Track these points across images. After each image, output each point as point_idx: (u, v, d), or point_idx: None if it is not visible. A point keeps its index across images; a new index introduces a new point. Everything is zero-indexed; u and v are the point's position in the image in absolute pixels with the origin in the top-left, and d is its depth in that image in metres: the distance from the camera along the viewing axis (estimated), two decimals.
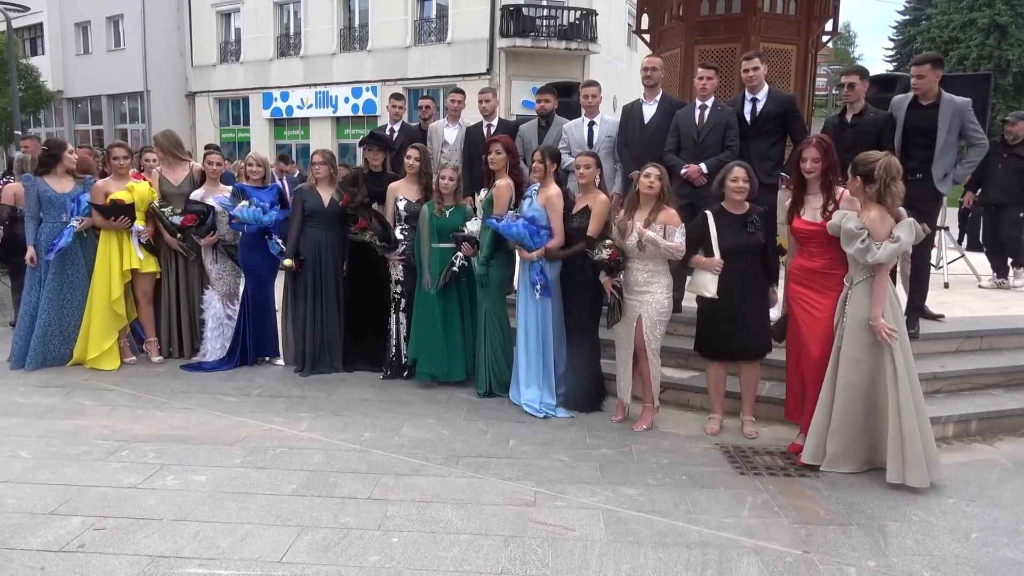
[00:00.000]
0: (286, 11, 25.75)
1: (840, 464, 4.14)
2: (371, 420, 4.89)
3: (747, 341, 4.62)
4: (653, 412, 4.87)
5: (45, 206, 5.85)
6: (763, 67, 5.51)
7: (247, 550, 3.21)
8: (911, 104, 5.29)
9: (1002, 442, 4.82)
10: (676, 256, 4.59)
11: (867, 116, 5.26)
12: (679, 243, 4.56)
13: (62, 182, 5.93)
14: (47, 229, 5.85)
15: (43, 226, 5.86)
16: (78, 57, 29.38)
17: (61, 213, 5.87)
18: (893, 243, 3.88)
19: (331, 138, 24.52)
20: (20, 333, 5.93)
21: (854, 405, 4.07)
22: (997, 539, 3.51)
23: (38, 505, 3.57)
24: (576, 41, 20.92)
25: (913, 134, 5.18)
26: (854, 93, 5.29)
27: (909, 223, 3.98)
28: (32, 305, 5.89)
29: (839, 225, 3.99)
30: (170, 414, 4.93)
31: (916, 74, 5.20)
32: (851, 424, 4.10)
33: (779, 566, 3.20)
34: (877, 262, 3.90)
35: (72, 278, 5.92)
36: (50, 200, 5.85)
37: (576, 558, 3.22)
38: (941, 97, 5.19)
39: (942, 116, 5.14)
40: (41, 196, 5.84)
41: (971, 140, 5.27)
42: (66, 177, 5.97)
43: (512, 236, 5.03)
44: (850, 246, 3.93)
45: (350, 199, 5.76)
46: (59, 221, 5.86)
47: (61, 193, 5.88)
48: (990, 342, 5.60)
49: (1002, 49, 33.86)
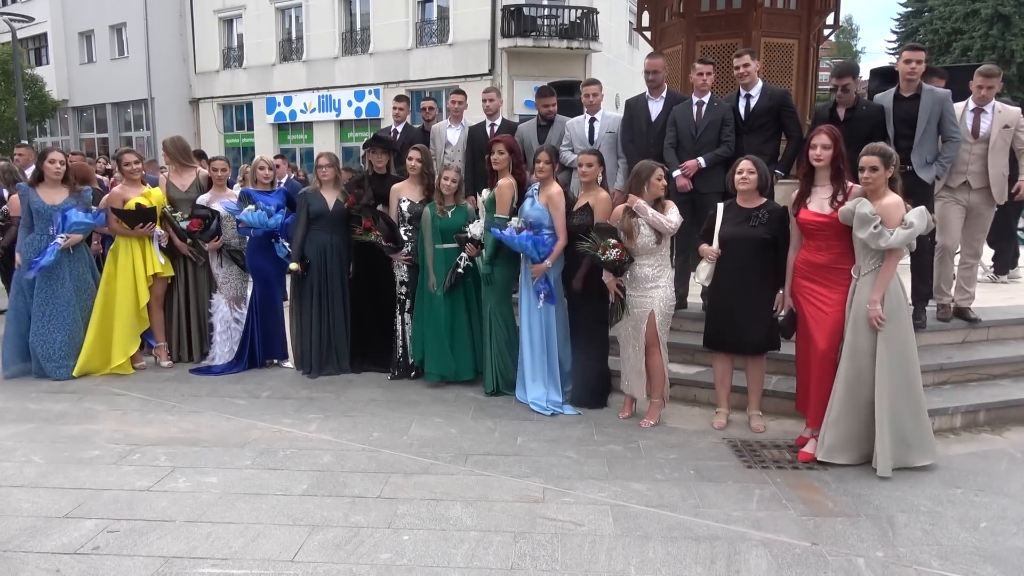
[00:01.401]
0: (288, 16, 25.84)
1: (837, 455, 4.14)
2: (379, 420, 4.92)
3: (751, 336, 4.62)
4: (661, 407, 4.88)
5: (35, 217, 5.71)
6: (754, 63, 5.52)
7: (259, 550, 3.25)
8: (895, 97, 5.28)
9: (1010, 432, 4.81)
10: (666, 230, 4.58)
11: (860, 110, 5.23)
12: (675, 219, 4.56)
13: (53, 193, 5.73)
14: (33, 241, 5.71)
15: (30, 237, 5.72)
16: (82, 66, 29.55)
17: (48, 225, 5.69)
18: (906, 229, 3.89)
19: (335, 142, 24.58)
20: (5, 339, 5.92)
21: (855, 396, 4.08)
22: (1006, 528, 3.52)
23: (52, 509, 3.61)
24: (577, 40, 20.92)
25: (898, 125, 5.16)
26: (848, 95, 5.28)
27: (921, 210, 3.99)
28: (17, 311, 5.85)
29: (852, 210, 3.98)
30: (180, 417, 4.97)
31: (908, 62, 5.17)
32: (850, 415, 4.10)
33: (788, 558, 3.22)
34: (890, 247, 3.91)
35: (57, 295, 5.76)
36: (38, 211, 5.68)
37: (585, 553, 3.24)
38: (922, 88, 5.18)
39: (923, 107, 5.13)
40: (31, 207, 5.69)
41: (946, 134, 5.19)
42: (58, 188, 5.75)
43: (517, 248, 5.06)
44: (863, 231, 3.92)
45: (355, 200, 5.80)
46: (46, 233, 5.69)
47: (50, 205, 5.68)
48: (997, 332, 5.60)
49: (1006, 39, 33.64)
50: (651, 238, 4.62)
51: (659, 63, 5.93)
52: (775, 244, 4.52)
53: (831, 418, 4.14)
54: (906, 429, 4.08)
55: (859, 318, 4.05)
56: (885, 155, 3.98)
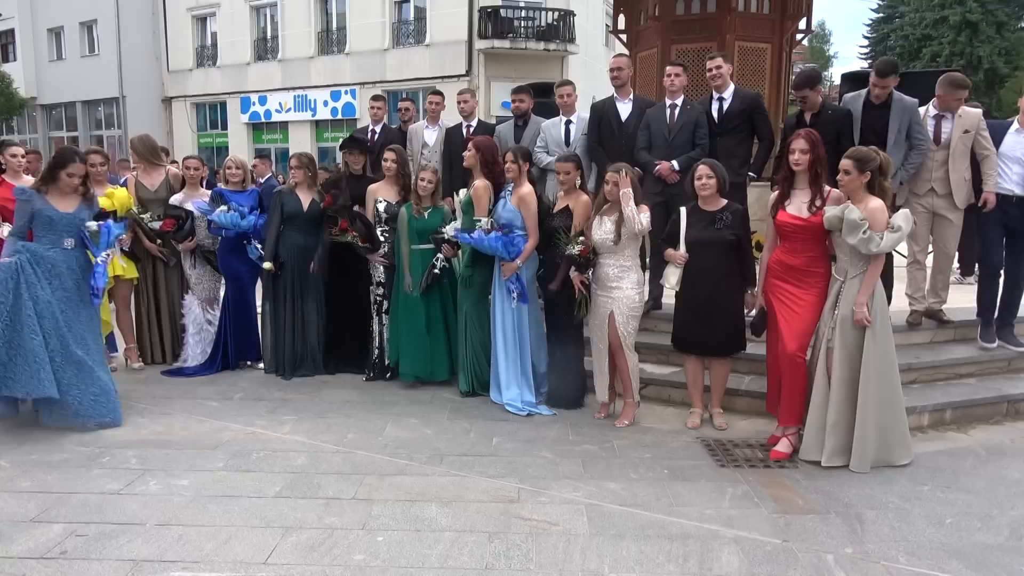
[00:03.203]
0: (263, 14, 25.59)
1: (838, 458, 4.18)
2: (354, 421, 4.89)
3: (718, 337, 4.68)
4: (634, 408, 4.91)
5: (43, 227, 4.69)
6: (726, 66, 5.59)
7: (231, 552, 3.21)
8: (864, 105, 5.35)
9: (976, 430, 4.92)
10: (637, 227, 4.55)
11: (825, 115, 5.31)
12: (646, 222, 4.57)
13: (65, 201, 4.74)
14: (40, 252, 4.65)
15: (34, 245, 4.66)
16: (51, 63, 28.99)
17: (63, 238, 4.70)
18: (894, 233, 3.97)
19: (310, 141, 24.40)
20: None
21: (849, 400, 4.14)
22: (971, 524, 3.59)
23: (18, 513, 3.54)
24: (554, 42, 21.00)
25: (867, 133, 5.22)
26: (808, 104, 5.36)
27: (905, 213, 4.08)
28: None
29: (840, 217, 4.03)
30: (151, 419, 4.90)
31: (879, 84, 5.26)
32: (847, 418, 4.16)
33: (759, 555, 3.26)
34: (881, 251, 3.98)
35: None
36: (51, 221, 4.66)
37: (560, 552, 3.26)
38: (892, 97, 5.26)
39: (893, 116, 5.22)
40: (41, 215, 4.64)
41: (913, 142, 5.28)
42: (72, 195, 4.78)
43: (487, 250, 5.07)
44: (853, 236, 3.97)
45: (332, 201, 5.76)
46: (58, 247, 4.68)
47: (64, 213, 4.71)
48: (963, 333, 5.71)
49: (973, 46, 34.38)
50: (610, 236, 4.62)
51: (624, 61, 6.01)
52: (740, 244, 4.60)
53: (831, 422, 4.17)
54: (890, 428, 4.16)
55: (847, 322, 4.11)
56: (860, 160, 4.04)
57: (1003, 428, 4.97)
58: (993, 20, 34.43)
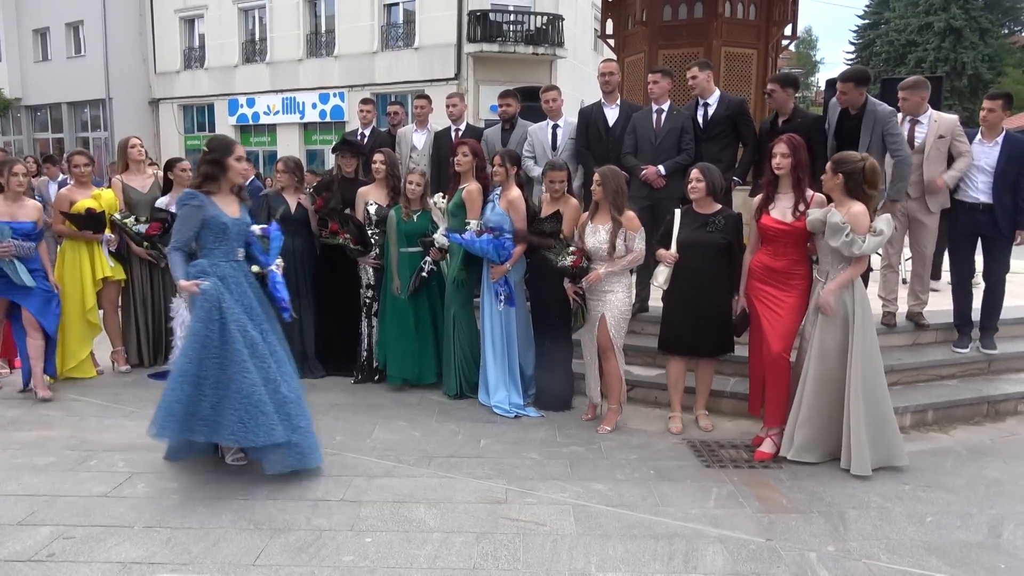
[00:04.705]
0: (251, 17, 25.50)
1: (806, 454, 4.26)
2: (343, 424, 4.91)
3: (706, 339, 4.73)
4: (618, 413, 4.92)
5: (213, 235, 4.04)
6: (702, 75, 5.67)
7: (220, 554, 3.22)
8: (841, 114, 5.36)
9: (956, 430, 5.00)
10: (638, 262, 4.74)
11: (795, 121, 5.37)
12: (639, 249, 4.68)
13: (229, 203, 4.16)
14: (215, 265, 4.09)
15: (206, 262, 4.05)
16: (37, 64, 28.72)
17: (238, 244, 4.12)
18: (876, 236, 4.04)
19: (299, 144, 24.33)
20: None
21: (824, 396, 4.20)
22: (951, 522, 3.66)
23: (5, 516, 3.53)
24: (543, 46, 21.04)
25: (842, 143, 5.21)
26: (774, 100, 5.43)
27: (887, 217, 4.14)
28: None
29: (822, 220, 4.09)
30: (139, 423, 4.84)
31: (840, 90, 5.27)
32: (820, 414, 4.23)
33: (743, 554, 3.30)
34: (863, 254, 4.04)
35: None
36: (224, 228, 4.02)
37: (547, 552, 3.29)
38: (866, 107, 5.23)
39: (864, 125, 5.20)
40: (213, 221, 4.02)
41: (891, 152, 5.18)
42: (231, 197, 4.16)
43: (477, 252, 5.10)
44: (836, 239, 4.03)
45: (324, 203, 5.78)
46: (232, 257, 4.07)
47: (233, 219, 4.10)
48: (944, 335, 5.80)
49: (957, 52, 34.75)
50: (604, 245, 4.66)
51: (613, 66, 6.08)
52: (730, 249, 4.65)
53: (801, 418, 4.24)
54: (884, 431, 4.20)
55: (825, 320, 4.17)
56: (836, 161, 4.14)
57: (983, 428, 5.06)
58: (977, 27, 34.84)
